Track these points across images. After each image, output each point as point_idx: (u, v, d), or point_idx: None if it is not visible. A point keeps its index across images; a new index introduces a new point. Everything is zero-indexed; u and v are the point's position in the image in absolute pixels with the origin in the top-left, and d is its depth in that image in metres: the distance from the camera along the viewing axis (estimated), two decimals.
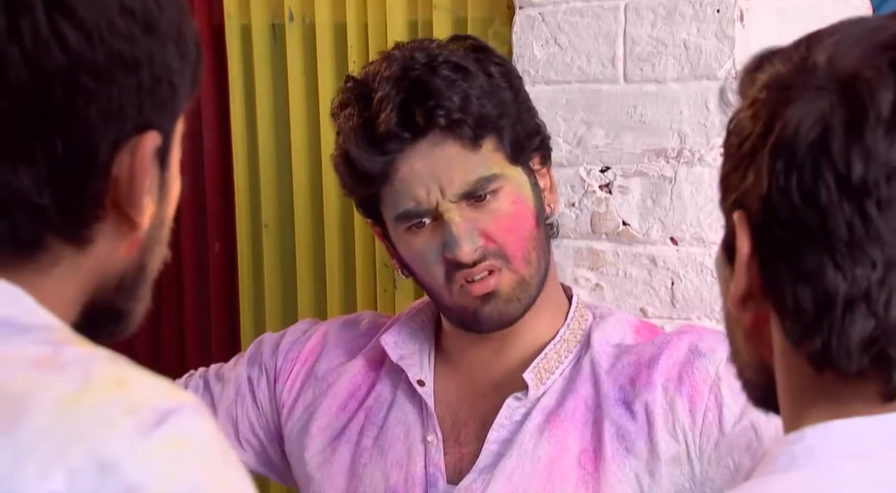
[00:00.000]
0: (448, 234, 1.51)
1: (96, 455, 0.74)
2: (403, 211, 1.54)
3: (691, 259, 1.75)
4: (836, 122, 0.80)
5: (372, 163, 1.53)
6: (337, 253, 2.13)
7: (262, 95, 2.17)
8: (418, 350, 1.63)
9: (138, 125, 0.86)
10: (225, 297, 2.27)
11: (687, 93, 1.73)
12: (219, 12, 2.20)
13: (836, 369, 0.82)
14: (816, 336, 0.82)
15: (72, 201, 0.84)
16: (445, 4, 2.00)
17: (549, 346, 1.58)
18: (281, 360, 1.70)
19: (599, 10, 1.79)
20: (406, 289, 2.06)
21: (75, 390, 0.77)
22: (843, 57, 0.83)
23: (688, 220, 1.74)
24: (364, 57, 2.07)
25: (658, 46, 1.75)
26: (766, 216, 0.84)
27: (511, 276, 1.53)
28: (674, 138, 1.75)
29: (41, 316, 0.83)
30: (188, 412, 0.78)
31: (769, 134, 0.83)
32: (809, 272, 0.81)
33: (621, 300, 1.80)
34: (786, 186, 0.82)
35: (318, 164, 2.13)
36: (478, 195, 1.53)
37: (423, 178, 1.52)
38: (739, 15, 1.70)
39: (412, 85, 1.52)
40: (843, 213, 0.80)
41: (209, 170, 2.24)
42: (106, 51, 0.83)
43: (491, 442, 1.54)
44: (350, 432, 1.63)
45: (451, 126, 1.52)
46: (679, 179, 1.74)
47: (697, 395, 1.49)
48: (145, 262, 0.92)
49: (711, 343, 1.53)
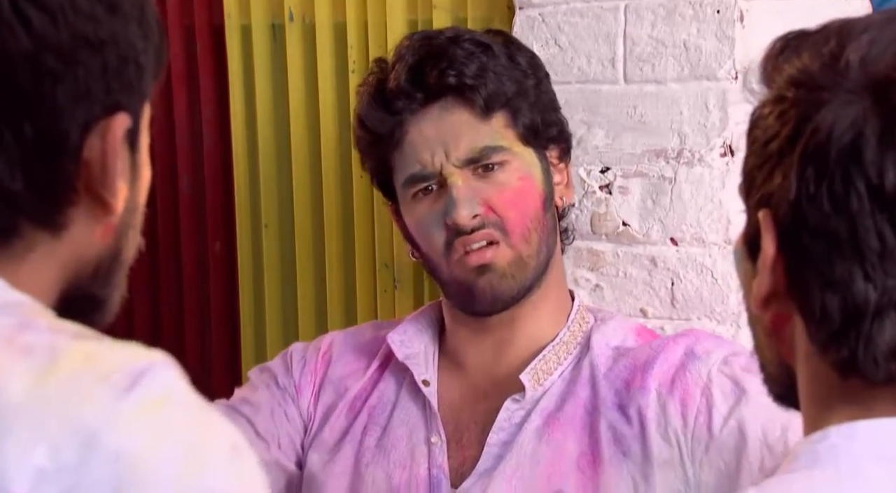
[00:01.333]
0: (448, 198, 1.52)
1: (76, 427, 0.74)
2: (410, 174, 1.55)
3: (691, 260, 1.75)
4: (869, 129, 0.79)
5: (381, 122, 1.55)
6: (337, 253, 2.13)
7: (262, 95, 2.17)
8: (423, 350, 1.63)
9: (107, 107, 0.86)
10: (225, 297, 2.26)
11: (687, 93, 1.73)
12: (219, 12, 2.20)
13: (862, 376, 0.82)
14: (843, 344, 0.81)
15: (44, 186, 0.84)
16: (445, 4, 2.00)
17: (548, 347, 1.58)
18: (297, 376, 1.68)
19: (599, 10, 1.79)
20: (406, 289, 2.06)
21: (44, 368, 0.77)
22: (878, 59, 0.81)
23: (688, 220, 1.74)
24: (364, 57, 2.07)
25: (658, 47, 1.75)
26: (794, 221, 0.82)
27: (508, 251, 1.53)
28: (674, 139, 1.75)
29: (10, 295, 0.83)
30: (160, 368, 0.78)
31: (798, 137, 0.82)
32: (838, 281, 0.80)
33: (621, 301, 1.80)
34: (816, 193, 0.80)
35: (318, 164, 2.13)
36: (483, 164, 1.54)
37: (430, 141, 1.54)
38: (739, 15, 1.70)
39: (429, 50, 1.55)
40: (875, 222, 0.79)
41: (209, 170, 2.24)
42: (70, 31, 0.83)
43: (491, 445, 1.54)
44: (354, 431, 1.63)
45: (462, 91, 1.53)
46: (679, 179, 1.74)
47: (689, 398, 1.48)
48: (120, 247, 0.92)
49: (707, 346, 1.52)
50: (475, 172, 1.54)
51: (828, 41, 0.84)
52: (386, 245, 2.07)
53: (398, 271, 2.07)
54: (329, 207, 2.12)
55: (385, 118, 1.55)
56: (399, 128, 1.55)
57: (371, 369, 1.66)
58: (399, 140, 1.55)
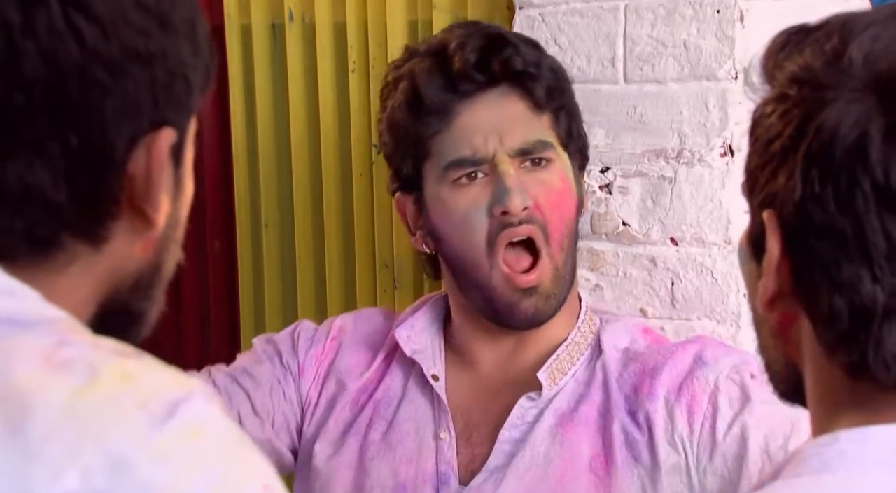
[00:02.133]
0: (500, 185, 1.50)
1: (109, 453, 0.73)
2: (458, 158, 1.52)
3: (691, 259, 1.75)
4: (874, 128, 0.78)
5: (440, 99, 1.52)
6: (337, 253, 2.13)
7: (262, 95, 2.17)
8: (430, 345, 1.61)
9: (154, 121, 0.85)
10: (225, 296, 2.27)
11: (687, 93, 1.73)
12: (219, 12, 2.20)
13: (872, 379, 0.80)
14: (853, 347, 0.80)
15: (88, 198, 0.84)
16: (445, 4, 2.00)
17: (562, 347, 1.57)
18: (303, 357, 1.66)
19: (599, 10, 1.79)
20: (406, 289, 2.06)
21: (82, 386, 0.76)
22: (881, 57, 0.80)
23: (688, 220, 1.74)
24: (364, 57, 2.07)
25: (658, 47, 1.75)
26: (799, 221, 0.81)
27: (548, 264, 1.52)
28: (674, 139, 1.75)
29: (46, 310, 0.83)
30: (198, 399, 0.78)
31: (802, 137, 0.81)
32: (846, 282, 0.79)
33: (621, 301, 1.80)
34: (821, 194, 0.79)
35: (318, 164, 2.13)
36: (533, 158, 1.53)
37: (484, 127, 1.52)
38: (739, 15, 1.70)
39: (491, 37, 1.54)
40: (882, 223, 0.78)
41: (209, 170, 2.24)
42: (120, 45, 0.83)
43: (503, 442, 1.53)
44: (359, 424, 1.61)
45: (523, 80, 1.53)
46: (679, 179, 1.74)
47: (696, 405, 1.48)
48: (160, 262, 0.92)
49: (716, 353, 1.52)
50: (523, 164, 1.52)
51: (830, 38, 0.83)
52: (386, 245, 2.07)
53: (398, 271, 2.07)
54: (329, 207, 2.12)
55: (443, 98, 1.52)
56: (452, 110, 1.52)
57: (377, 362, 1.64)
58: (449, 123, 1.52)
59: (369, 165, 2.08)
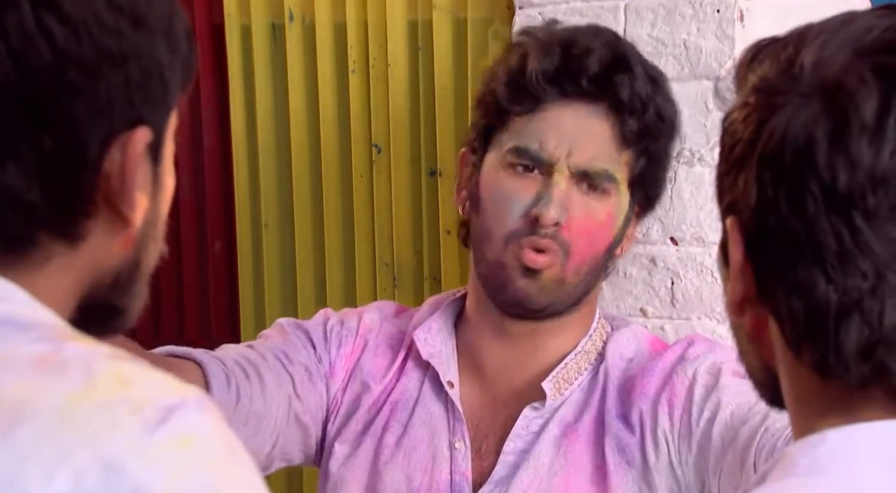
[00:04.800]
0: (546, 192, 1.50)
1: (102, 456, 0.74)
2: (524, 147, 1.52)
3: (691, 259, 1.75)
4: (820, 132, 0.79)
5: (541, 87, 1.51)
6: (337, 253, 2.13)
7: (262, 95, 2.17)
8: (444, 348, 1.60)
9: (128, 121, 0.85)
10: (225, 296, 2.27)
11: (687, 93, 1.73)
12: (219, 12, 2.20)
13: (839, 377, 0.81)
14: (813, 348, 0.81)
15: (62, 197, 0.83)
16: (445, 4, 2.00)
17: (570, 356, 1.56)
18: (334, 355, 1.64)
19: (599, 10, 1.79)
20: (406, 289, 2.06)
21: (78, 391, 0.76)
22: (828, 62, 0.81)
23: (688, 220, 1.74)
24: (364, 57, 2.07)
25: (658, 46, 1.75)
26: (756, 226, 0.83)
27: (559, 271, 1.52)
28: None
29: (39, 313, 0.83)
30: (192, 408, 0.78)
31: (757, 142, 0.82)
32: (801, 284, 0.80)
33: (621, 300, 1.80)
34: (774, 197, 0.81)
35: (318, 164, 2.13)
36: (592, 184, 1.52)
37: (562, 132, 1.51)
38: (739, 15, 1.70)
39: (616, 55, 1.53)
40: (831, 224, 0.79)
41: (209, 170, 2.24)
42: (93, 45, 0.82)
43: (507, 453, 1.53)
44: (375, 426, 1.61)
45: (620, 110, 1.51)
46: (679, 179, 1.74)
47: (675, 398, 1.49)
48: (140, 258, 0.91)
49: (699, 349, 1.52)
50: (578, 184, 1.52)
51: (787, 47, 0.85)
52: (386, 244, 2.07)
53: (398, 271, 2.07)
54: (329, 207, 2.12)
55: (543, 87, 1.52)
56: (545, 101, 1.52)
57: (396, 363, 1.64)
58: (534, 111, 1.52)
59: (369, 165, 2.08)
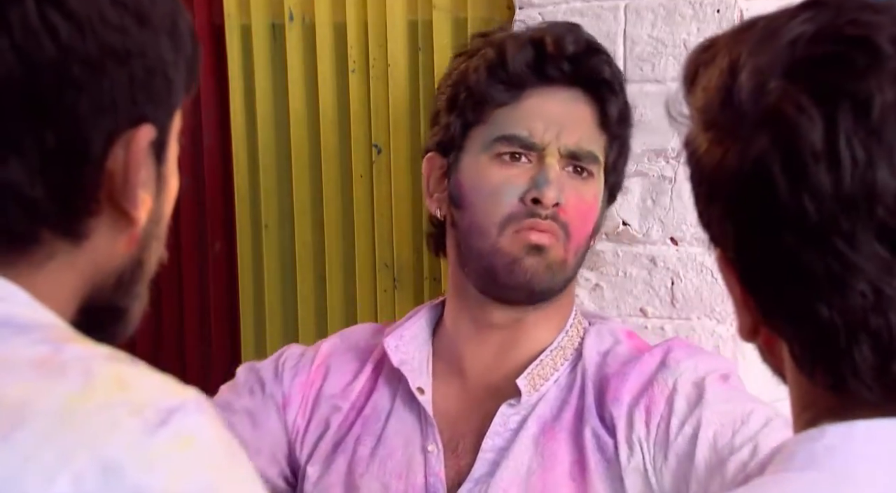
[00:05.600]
0: (542, 175, 1.52)
1: (102, 458, 0.74)
2: (512, 134, 1.54)
3: (691, 259, 1.75)
4: (775, 167, 0.79)
5: (523, 73, 1.54)
6: (337, 253, 2.13)
7: (262, 95, 2.17)
8: (417, 355, 1.60)
9: (132, 118, 0.85)
10: (225, 297, 2.27)
11: None
12: (219, 12, 2.20)
13: (855, 395, 0.81)
14: (830, 370, 0.81)
15: (65, 194, 0.83)
16: (445, 4, 2.00)
17: (546, 352, 1.57)
18: (287, 386, 1.64)
19: (599, 10, 1.79)
20: (406, 289, 2.06)
21: (77, 393, 0.76)
22: (764, 91, 0.80)
23: (688, 220, 1.74)
24: (364, 57, 2.07)
25: (658, 46, 1.75)
26: (744, 261, 0.83)
27: (561, 251, 1.53)
28: (674, 138, 1.75)
29: (39, 314, 0.83)
30: (192, 409, 0.78)
31: (720, 180, 0.82)
32: (803, 313, 0.80)
33: (621, 300, 1.80)
34: (750, 238, 0.81)
35: (318, 164, 2.13)
36: (578, 166, 1.55)
37: (549, 117, 1.54)
38: (739, 15, 1.70)
39: (588, 42, 1.58)
40: (815, 254, 0.78)
41: (209, 170, 2.24)
42: (97, 42, 0.82)
43: (486, 451, 1.53)
44: (346, 442, 1.60)
45: (602, 91, 1.55)
46: (679, 179, 1.74)
47: (654, 406, 1.49)
48: (143, 258, 0.91)
49: (679, 356, 1.52)
50: (566, 167, 1.54)
51: (721, 73, 0.84)
52: (386, 245, 2.07)
53: (398, 271, 2.07)
54: (329, 207, 2.12)
55: (525, 73, 1.54)
56: (528, 88, 1.55)
57: (365, 373, 1.64)
58: (519, 99, 1.54)
59: (369, 165, 2.08)
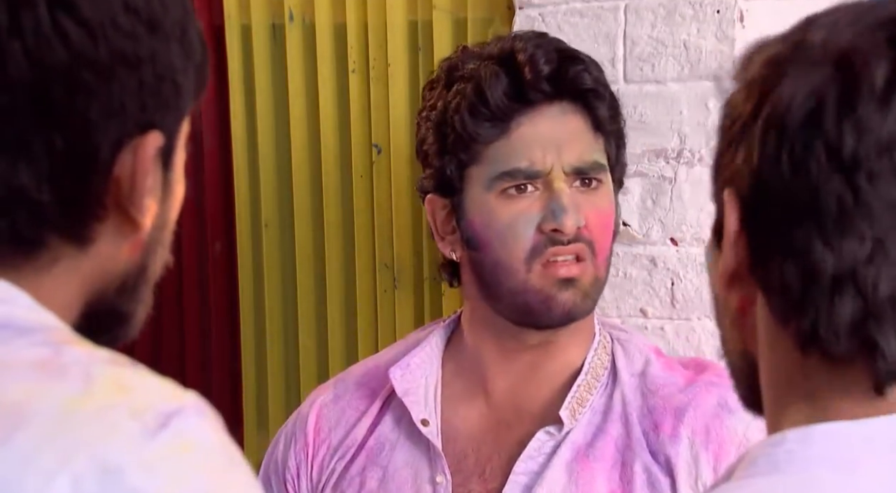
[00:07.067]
0: (555, 203, 1.48)
1: (101, 461, 0.74)
2: (513, 168, 1.49)
3: (691, 259, 1.75)
4: (829, 95, 0.80)
5: (505, 105, 1.49)
6: (337, 253, 2.13)
7: (262, 95, 2.17)
8: (424, 383, 1.57)
9: (141, 125, 0.85)
10: (225, 297, 2.27)
11: (687, 93, 1.73)
12: (219, 12, 2.20)
13: (822, 351, 0.81)
14: (804, 315, 0.81)
15: (72, 199, 0.84)
16: (445, 5, 2.00)
17: (580, 377, 1.53)
18: (292, 462, 1.62)
19: (599, 10, 1.79)
20: (406, 289, 2.06)
21: (77, 395, 0.76)
22: (840, 34, 0.82)
23: (688, 220, 1.74)
24: (364, 58, 2.07)
25: (658, 47, 1.75)
26: (755, 191, 0.83)
27: (592, 271, 1.50)
28: (674, 139, 1.75)
29: (41, 317, 0.83)
30: (192, 414, 0.78)
31: (761, 109, 0.83)
32: (797, 248, 0.80)
33: (621, 301, 1.80)
34: (776, 160, 0.81)
35: (318, 164, 2.13)
36: (587, 178, 1.51)
37: (544, 140, 1.50)
38: (739, 15, 1.70)
39: (562, 51, 1.53)
40: (834, 186, 0.79)
41: (209, 170, 2.24)
42: (108, 48, 0.83)
43: (518, 474, 1.49)
44: (351, 474, 1.58)
45: (587, 98, 1.51)
46: (679, 179, 1.74)
47: (723, 453, 1.45)
48: (147, 264, 0.91)
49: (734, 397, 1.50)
50: (575, 183, 1.50)
51: (794, 31, 0.86)
52: (386, 245, 2.07)
53: (398, 271, 2.07)
54: (329, 207, 2.12)
55: (507, 105, 1.49)
56: (514, 118, 1.50)
57: (374, 408, 1.60)
58: (508, 131, 1.49)
59: (369, 165, 2.08)
